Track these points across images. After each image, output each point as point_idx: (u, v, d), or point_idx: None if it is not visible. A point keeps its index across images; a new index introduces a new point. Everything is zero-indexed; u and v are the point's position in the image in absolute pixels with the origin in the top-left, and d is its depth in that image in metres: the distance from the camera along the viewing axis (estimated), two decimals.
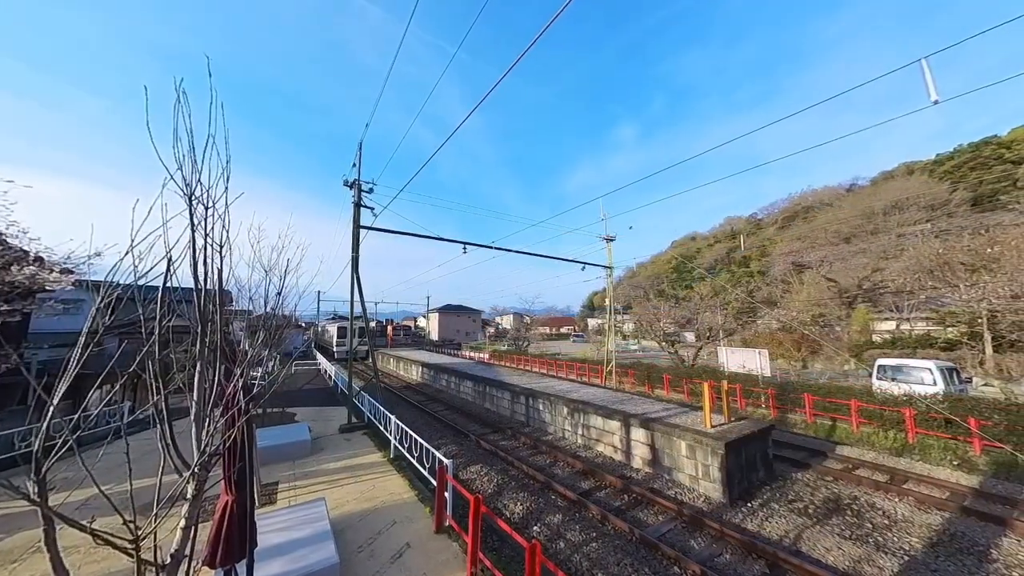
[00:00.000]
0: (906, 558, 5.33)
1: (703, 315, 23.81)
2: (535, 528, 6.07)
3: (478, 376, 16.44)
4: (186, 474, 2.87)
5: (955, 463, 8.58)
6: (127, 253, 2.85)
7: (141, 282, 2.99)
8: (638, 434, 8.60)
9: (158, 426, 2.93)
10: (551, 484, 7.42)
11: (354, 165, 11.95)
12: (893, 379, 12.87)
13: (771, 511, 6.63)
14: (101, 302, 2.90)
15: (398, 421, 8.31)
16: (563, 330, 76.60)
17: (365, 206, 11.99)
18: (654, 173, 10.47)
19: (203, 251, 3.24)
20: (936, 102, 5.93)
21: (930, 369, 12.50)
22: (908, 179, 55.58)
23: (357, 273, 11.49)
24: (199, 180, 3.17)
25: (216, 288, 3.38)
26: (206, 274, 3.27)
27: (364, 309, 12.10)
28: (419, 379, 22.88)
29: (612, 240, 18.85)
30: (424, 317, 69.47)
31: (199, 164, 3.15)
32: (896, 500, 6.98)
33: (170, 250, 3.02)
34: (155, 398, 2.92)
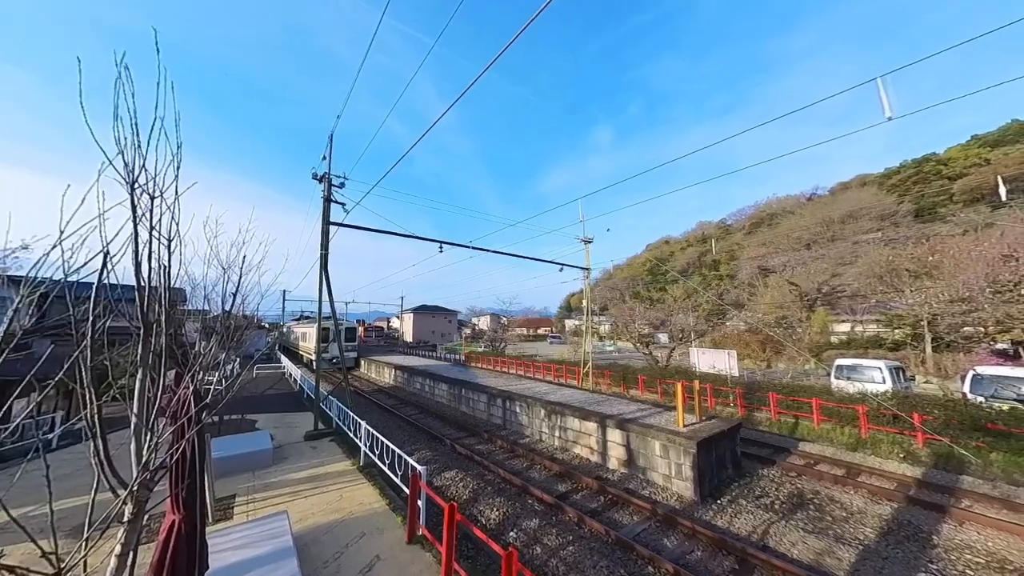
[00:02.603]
0: (861, 548, 5.62)
1: (676, 317, 24.56)
2: (511, 534, 5.96)
3: (454, 379, 16.17)
4: (122, 494, 2.57)
5: (901, 456, 9.19)
6: (55, 246, 2.53)
7: (73, 278, 2.67)
8: (614, 435, 8.67)
9: (91, 440, 2.61)
10: (528, 488, 7.34)
11: (324, 158, 11.44)
12: (849, 378, 13.69)
13: (739, 507, 6.83)
14: (23, 299, 2.56)
15: (368, 427, 7.99)
16: (540, 331, 77.06)
17: (336, 201, 11.50)
18: (630, 177, 10.69)
19: (147, 245, 2.93)
20: (890, 118, 6.31)
21: (880, 368, 13.38)
22: (862, 190, 59.82)
23: (326, 271, 11.01)
24: (144, 166, 2.87)
25: (163, 286, 3.07)
26: (151, 270, 2.96)
27: (333, 309, 11.60)
28: (391, 382, 22.29)
29: (590, 242, 19.07)
30: (398, 318, 68.00)
31: (144, 149, 2.86)
32: (852, 493, 7.37)
33: (108, 243, 2.71)
34: (88, 408, 2.61)
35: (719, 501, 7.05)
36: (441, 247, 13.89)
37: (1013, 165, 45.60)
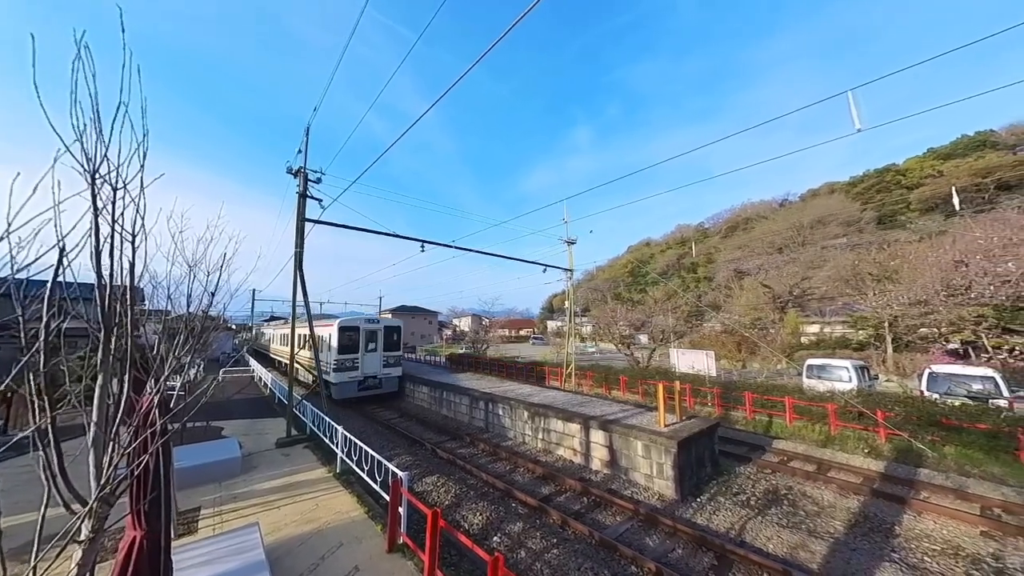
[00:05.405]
0: (832, 541, 5.85)
1: (656, 318, 25.11)
2: (495, 538, 5.89)
3: (434, 381, 15.95)
4: (81, 511, 2.36)
5: (866, 451, 9.64)
6: (1, 239, 2.32)
7: (22, 275, 2.45)
8: (597, 436, 8.73)
9: (41, 452, 2.39)
10: (511, 491, 7.29)
11: (299, 151, 11.04)
12: (819, 377, 14.29)
13: (718, 505, 7.00)
14: None
15: (345, 432, 7.73)
16: (522, 332, 77.16)
17: (312, 197, 11.10)
18: (612, 180, 10.91)
19: (109, 240, 2.73)
20: (859, 130, 6.63)
21: (847, 368, 14.03)
22: (830, 197, 62.96)
23: (301, 270, 10.61)
24: (106, 155, 2.67)
25: (126, 284, 2.86)
26: (112, 267, 2.76)
27: (308, 309, 11.20)
28: None
29: (573, 243, 19.22)
30: None
31: (106, 136, 2.66)
32: (823, 488, 7.67)
33: (63, 238, 2.50)
34: (38, 418, 2.39)
35: (699, 499, 7.20)
36: (423, 246, 13.66)
37: (963, 176, 49.04)
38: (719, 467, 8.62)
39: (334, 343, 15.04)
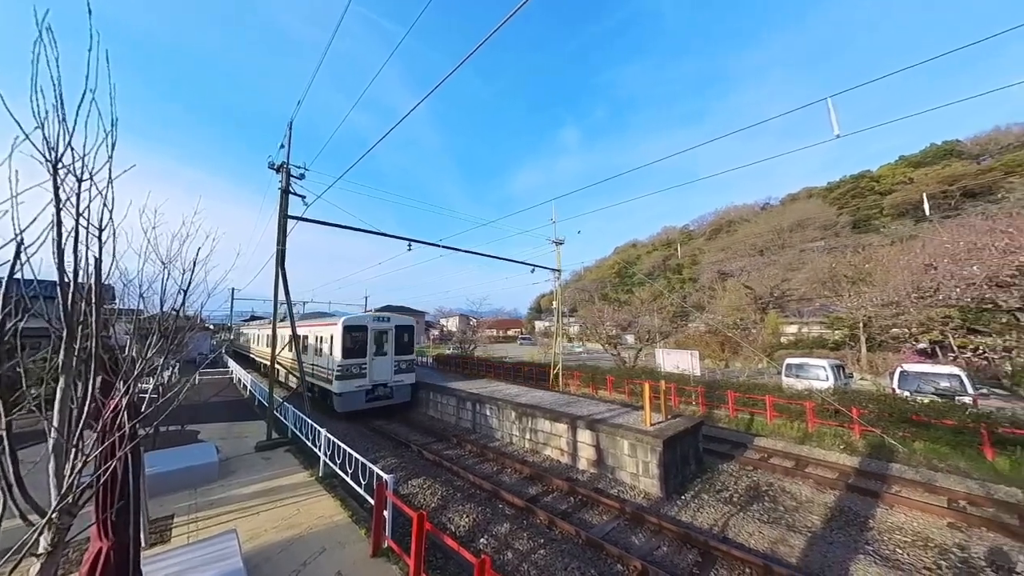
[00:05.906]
0: (810, 535, 6.01)
1: (643, 318, 25.44)
2: (482, 540, 5.84)
3: (420, 383, 15.76)
4: (39, 523, 2.22)
5: (842, 447, 9.97)
6: None
7: None
8: (584, 436, 8.77)
9: None
10: (498, 492, 7.25)
11: (282, 146, 10.73)
12: (797, 376, 14.70)
13: (702, 502, 7.11)
14: None
15: (329, 434, 7.55)
16: (510, 332, 77.16)
17: (295, 193, 10.79)
18: (599, 182, 10.99)
19: (73, 234, 2.58)
20: (838, 136, 6.83)
21: (824, 367, 14.48)
22: (808, 202, 65.12)
23: (283, 268, 10.31)
24: (69, 144, 2.53)
25: (92, 281, 2.71)
26: (76, 264, 2.61)
27: (290, 309, 10.90)
28: None
29: (561, 243, 19.29)
30: None
31: (70, 124, 2.51)
32: (801, 484, 7.88)
33: (22, 231, 2.35)
34: None
35: (683, 497, 7.30)
36: (410, 245, 13.46)
37: (932, 184, 51.37)
38: (703, 465, 8.77)
39: (337, 346, 12.59)
